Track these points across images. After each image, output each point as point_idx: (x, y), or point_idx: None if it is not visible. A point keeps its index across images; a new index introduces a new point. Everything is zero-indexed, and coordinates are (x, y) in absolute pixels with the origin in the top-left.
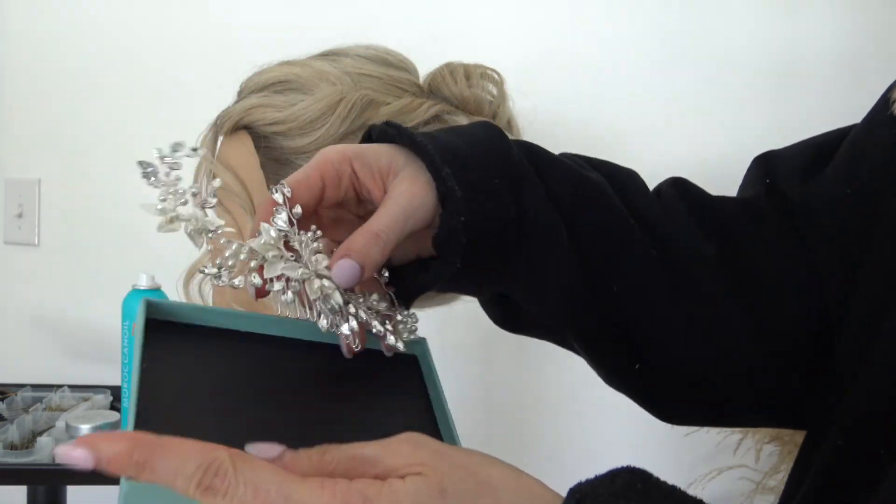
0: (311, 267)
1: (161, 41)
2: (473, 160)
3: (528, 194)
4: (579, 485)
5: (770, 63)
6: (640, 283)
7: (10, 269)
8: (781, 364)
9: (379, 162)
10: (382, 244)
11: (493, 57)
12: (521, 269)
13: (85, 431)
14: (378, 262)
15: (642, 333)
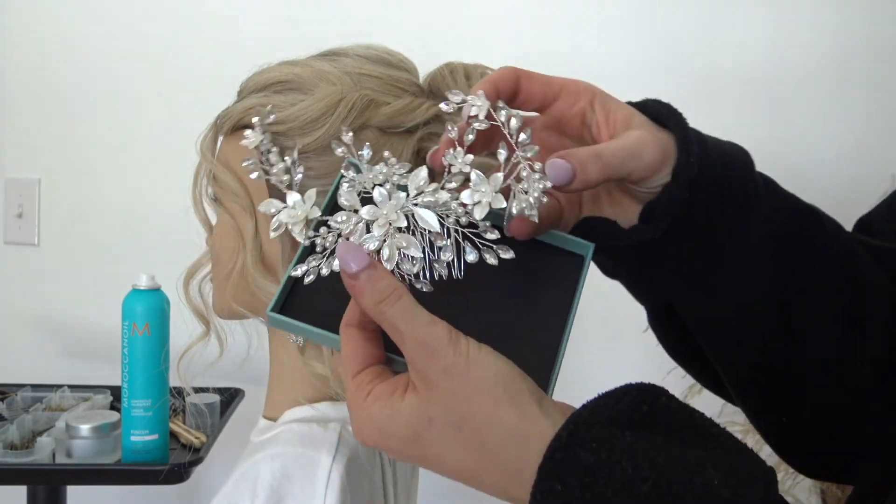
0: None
1: (161, 41)
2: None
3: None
4: (581, 409)
5: (768, 66)
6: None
7: (10, 269)
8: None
9: (620, 111)
10: (602, 165)
11: (493, 57)
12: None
13: (85, 431)
14: (591, 180)
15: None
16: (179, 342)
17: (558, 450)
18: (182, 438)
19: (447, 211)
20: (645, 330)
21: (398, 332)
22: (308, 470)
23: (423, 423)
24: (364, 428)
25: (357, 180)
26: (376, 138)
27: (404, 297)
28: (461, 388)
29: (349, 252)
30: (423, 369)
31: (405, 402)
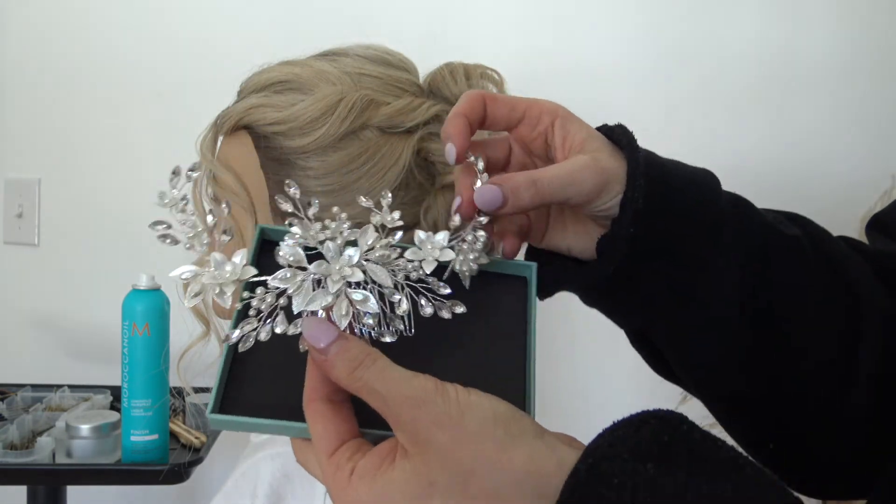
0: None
1: (161, 41)
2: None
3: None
4: (598, 440)
5: (769, 67)
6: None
7: (10, 269)
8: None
9: (578, 134)
10: (535, 191)
11: (493, 57)
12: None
13: (85, 431)
14: (523, 205)
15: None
16: (179, 342)
17: (577, 487)
18: (182, 438)
19: (396, 267)
20: None
21: (378, 395)
22: None
23: (422, 490)
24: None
25: (302, 235)
26: (376, 138)
27: (379, 359)
28: (459, 438)
29: (316, 327)
30: (413, 427)
31: (396, 470)
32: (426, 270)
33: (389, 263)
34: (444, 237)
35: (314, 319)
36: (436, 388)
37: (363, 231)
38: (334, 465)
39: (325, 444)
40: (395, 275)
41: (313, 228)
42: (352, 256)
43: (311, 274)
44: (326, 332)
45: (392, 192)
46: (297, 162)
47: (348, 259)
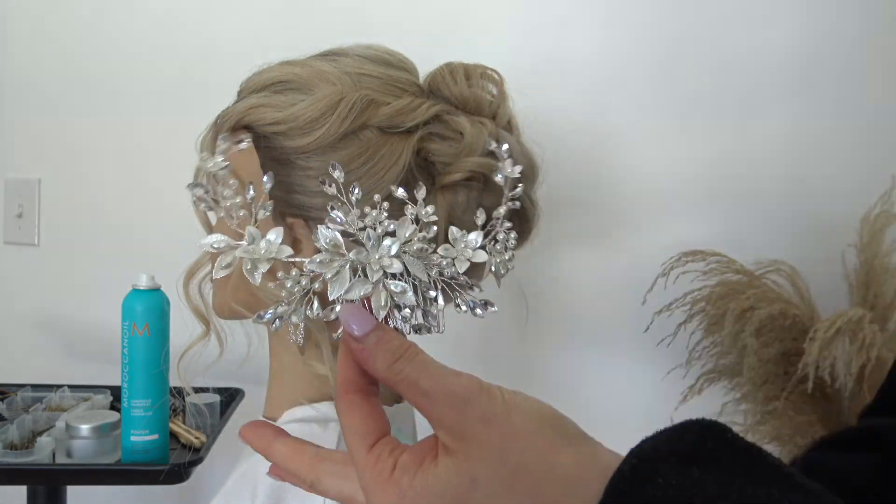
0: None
1: (161, 41)
2: None
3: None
4: (641, 445)
5: (772, 66)
6: None
7: (10, 269)
8: None
9: None
10: None
11: (493, 57)
12: None
13: (85, 431)
14: None
15: None
16: (179, 342)
17: (622, 481)
18: (182, 438)
19: (431, 262)
20: (645, 331)
21: (419, 390)
22: None
23: (465, 487)
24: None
25: (343, 221)
26: (376, 138)
27: (420, 352)
28: (506, 436)
29: (354, 315)
30: (457, 424)
31: (440, 467)
32: (459, 269)
33: (425, 258)
34: (476, 237)
35: (353, 306)
36: (480, 386)
37: (401, 222)
38: (374, 457)
39: (362, 437)
40: (429, 270)
41: (353, 214)
42: (391, 247)
43: (349, 260)
44: (365, 320)
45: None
46: (297, 162)
47: (388, 249)
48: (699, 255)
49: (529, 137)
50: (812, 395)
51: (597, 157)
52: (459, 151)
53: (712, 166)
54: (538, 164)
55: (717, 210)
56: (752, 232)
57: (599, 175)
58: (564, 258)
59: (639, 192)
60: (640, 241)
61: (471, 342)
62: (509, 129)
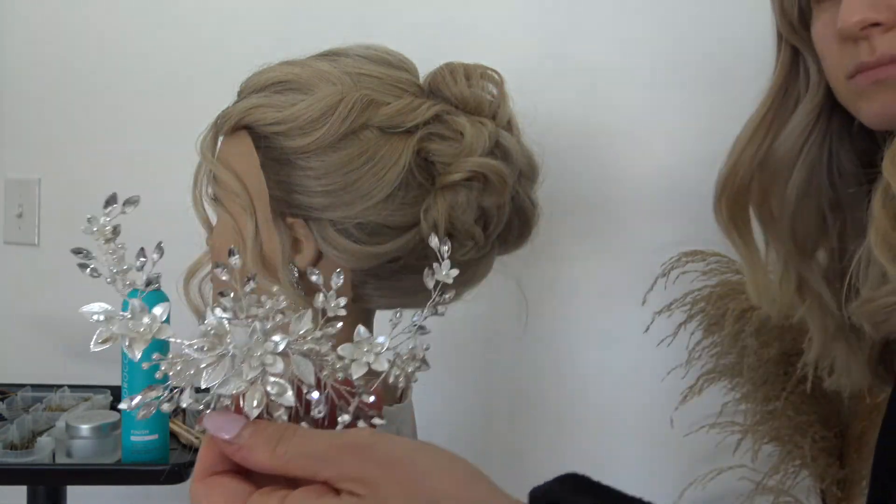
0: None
1: (161, 41)
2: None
3: None
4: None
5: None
6: None
7: (10, 269)
8: None
9: None
10: None
11: (493, 57)
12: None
13: (85, 431)
14: None
15: None
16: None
17: None
18: (182, 438)
19: (325, 362)
20: (645, 331)
21: (310, 459)
22: None
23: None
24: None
25: (232, 308)
26: (376, 138)
27: (299, 428)
28: (415, 474)
29: (219, 422)
30: (360, 472)
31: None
32: (354, 374)
33: (318, 357)
34: (384, 340)
35: (216, 415)
36: (374, 433)
37: (298, 317)
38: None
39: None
40: (319, 371)
41: (246, 302)
42: (277, 344)
43: (229, 351)
44: (233, 422)
45: (392, 192)
46: (297, 162)
47: (273, 346)
48: (699, 255)
49: (529, 137)
50: (812, 395)
51: (597, 157)
52: (459, 151)
53: (713, 166)
54: (538, 164)
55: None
56: None
57: (599, 175)
58: (564, 258)
59: (639, 191)
60: (640, 241)
61: (470, 343)
62: (509, 129)
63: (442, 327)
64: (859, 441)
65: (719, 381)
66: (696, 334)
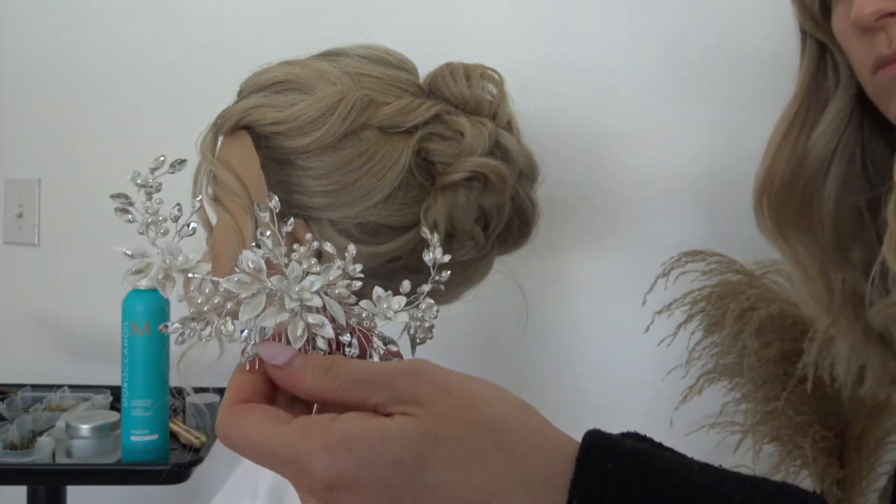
0: (293, 299)
1: (161, 41)
2: None
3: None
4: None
5: (775, 65)
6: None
7: (10, 269)
8: None
9: None
10: None
11: (493, 57)
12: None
13: (85, 431)
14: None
15: None
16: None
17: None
18: (182, 438)
19: (350, 311)
20: (645, 331)
21: (363, 382)
22: None
23: (427, 441)
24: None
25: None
26: (376, 138)
27: (348, 358)
28: (468, 400)
29: (271, 348)
30: (413, 393)
31: (395, 422)
32: (378, 324)
33: (346, 304)
34: (400, 301)
35: (268, 343)
36: (425, 361)
37: (327, 267)
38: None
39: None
40: (348, 317)
41: (281, 248)
42: (313, 283)
43: (268, 288)
44: (285, 350)
45: (392, 192)
46: (297, 162)
47: (309, 284)
48: (699, 255)
49: (529, 137)
50: (812, 394)
51: (597, 157)
52: (459, 151)
53: (713, 166)
54: (538, 164)
55: (718, 210)
56: (752, 232)
57: (599, 175)
58: (564, 258)
59: (639, 192)
60: (640, 241)
61: (470, 342)
62: (509, 129)
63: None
64: (859, 441)
65: (719, 381)
66: (696, 334)
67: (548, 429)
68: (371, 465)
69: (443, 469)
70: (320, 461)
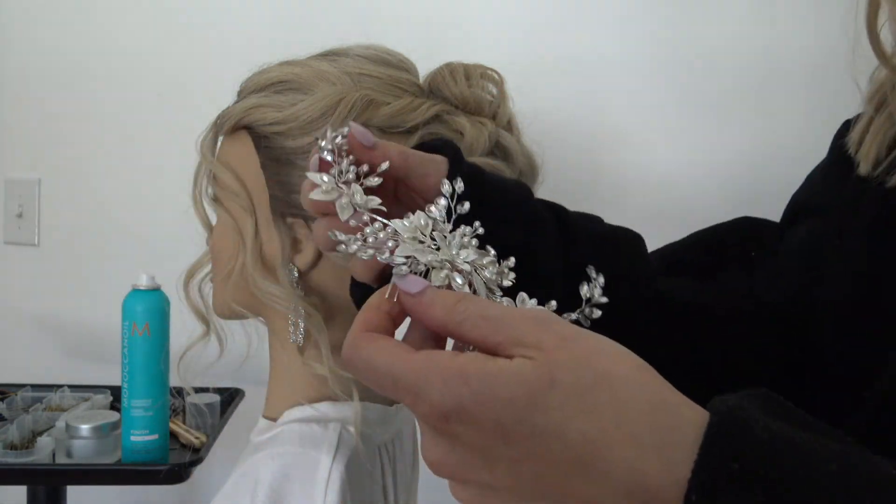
0: (445, 255)
1: (161, 41)
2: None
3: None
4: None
5: (778, 64)
6: None
7: (10, 269)
8: None
9: None
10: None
11: (493, 57)
12: None
13: (85, 431)
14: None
15: None
16: (179, 342)
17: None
18: (182, 438)
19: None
20: None
21: (490, 319)
22: (308, 470)
23: (542, 385)
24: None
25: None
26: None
27: (477, 296)
28: (592, 350)
29: (408, 278)
30: (536, 338)
31: (515, 361)
32: None
33: (490, 289)
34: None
35: (406, 274)
36: (550, 312)
37: (482, 252)
38: (425, 354)
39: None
40: None
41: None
42: (468, 255)
43: (428, 243)
44: (419, 282)
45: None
46: (297, 162)
47: (465, 255)
48: None
49: (529, 137)
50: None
51: (597, 157)
52: None
53: (713, 166)
54: (538, 164)
55: (718, 211)
56: None
57: (599, 175)
58: None
59: (639, 192)
60: None
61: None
62: (509, 129)
63: None
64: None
65: None
66: None
67: (668, 391)
68: (485, 400)
69: (553, 412)
70: (437, 390)
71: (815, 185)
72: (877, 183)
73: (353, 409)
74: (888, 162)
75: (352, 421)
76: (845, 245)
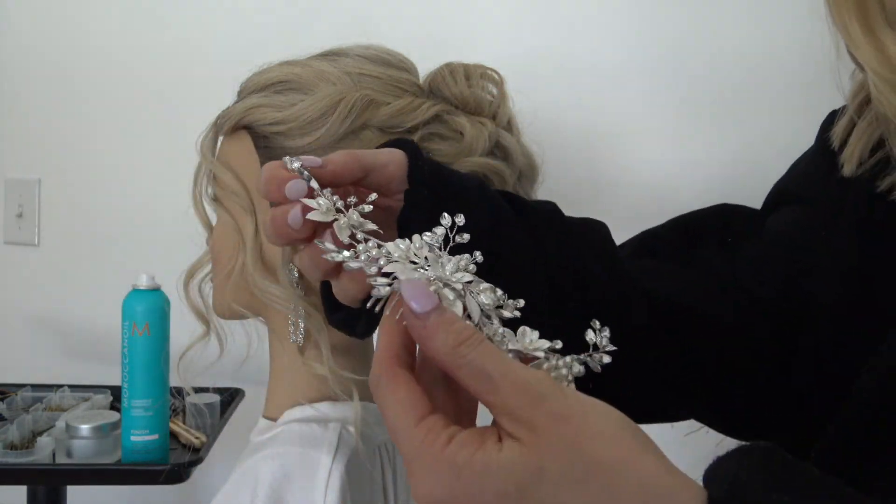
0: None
1: (161, 41)
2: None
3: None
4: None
5: (777, 65)
6: None
7: (10, 269)
8: None
9: None
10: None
11: (492, 57)
12: None
13: (85, 431)
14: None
15: None
16: (179, 342)
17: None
18: (182, 438)
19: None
20: None
21: (485, 376)
22: (308, 469)
23: (531, 475)
24: (441, 480)
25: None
26: (376, 138)
27: (485, 340)
28: (583, 434)
29: (416, 290)
30: (529, 417)
31: (504, 450)
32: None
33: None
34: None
35: (416, 282)
36: (554, 383)
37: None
38: (425, 429)
39: (411, 408)
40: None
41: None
42: (463, 277)
43: (421, 264)
44: (427, 298)
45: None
46: None
47: (459, 277)
48: None
49: (529, 137)
50: None
51: (597, 157)
52: (459, 151)
53: (713, 167)
54: (538, 164)
55: None
56: None
57: (599, 175)
58: None
59: (639, 192)
60: None
61: None
62: (509, 129)
63: None
64: None
65: None
66: None
67: (665, 474)
68: (476, 492)
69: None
70: (430, 479)
71: (799, 175)
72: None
73: (353, 409)
74: (871, 164)
75: (352, 421)
76: (832, 241)
